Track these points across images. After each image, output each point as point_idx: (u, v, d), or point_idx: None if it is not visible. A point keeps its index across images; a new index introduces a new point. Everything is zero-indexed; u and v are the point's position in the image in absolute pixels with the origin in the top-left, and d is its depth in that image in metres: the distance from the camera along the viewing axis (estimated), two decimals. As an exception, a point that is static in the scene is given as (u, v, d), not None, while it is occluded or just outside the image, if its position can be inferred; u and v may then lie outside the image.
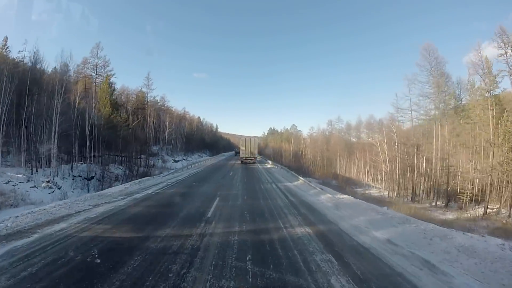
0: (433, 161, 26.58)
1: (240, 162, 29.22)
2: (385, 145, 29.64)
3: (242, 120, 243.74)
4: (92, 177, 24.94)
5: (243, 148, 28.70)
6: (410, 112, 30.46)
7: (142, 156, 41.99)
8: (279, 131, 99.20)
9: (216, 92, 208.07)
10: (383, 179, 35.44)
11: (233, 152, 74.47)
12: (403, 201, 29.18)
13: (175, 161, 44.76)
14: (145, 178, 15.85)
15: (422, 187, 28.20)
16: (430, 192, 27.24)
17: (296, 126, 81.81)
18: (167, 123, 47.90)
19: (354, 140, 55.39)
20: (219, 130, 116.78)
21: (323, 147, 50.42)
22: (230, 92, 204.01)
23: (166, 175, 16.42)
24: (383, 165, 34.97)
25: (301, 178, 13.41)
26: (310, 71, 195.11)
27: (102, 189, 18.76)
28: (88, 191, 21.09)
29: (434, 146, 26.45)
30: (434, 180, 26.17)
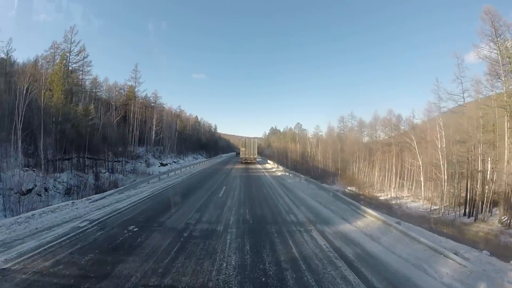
0: (505, 163, 19.29)
1: (238, 166, 23.71)
2: (439, 143, 22.29)
3: (242, 121, 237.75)
4: (29, 190, 17.67)
5: (243, 149, 28.64)
6: (462, 100, 23.14)
7: (122, 159, 34.92)
8: (281, 130, 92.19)
9: (216, 93, 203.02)
10: (421, 186, 28.10)
11: (233, 153, 74.38)
12: (458, 218, 21.89)
13: (162, 164, 37.48)
14: (84, 199, 8.68)
15: (484, 199, 20.86)
16: (499, 206, 19.91)
17: (301, 125, 74.50)
18: (154, 120, 40.63)
19: (366, 139, 48.26)
20: (219, 131, 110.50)
21: (336, 147, 43.10)
22: (230, 93, 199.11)
23: (102, 199, 9.12)
24: (421, 169, 27.71)
25: (369, 211, 6.02)
26: (310, 72, 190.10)
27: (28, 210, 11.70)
28: (6, 216, 13.82)
29: (506, 144, 19.19)
30: (509, 190, 18.85)
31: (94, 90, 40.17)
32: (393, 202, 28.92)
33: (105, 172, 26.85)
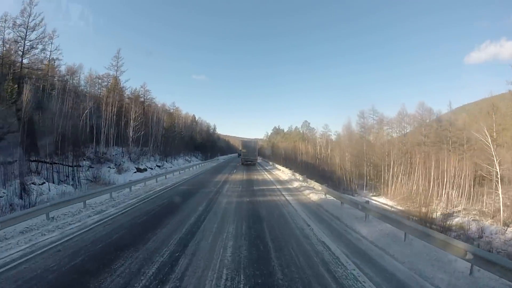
0: None
1: (237, 176, 15.95)
2: None
3: (243, 122, 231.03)
4: None
5: (244, 150, 28.44)
6: None
7: (84, 163, 26.83)
8: (285, 130, 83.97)
9: (216, 95, 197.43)
10: (493, 199, 19.63)
11: (232, 155, 72.53)
12: None
13: (139, 169, 29.11)
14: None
15: None
16: None
17: (309, 123, 66.06)
18: (132, 113, 32.26)
19: (385, 138, 39.87)
20: (221, 132, 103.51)
21: (359, 148, 34.69)
22: (230, 95, 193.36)
23: None
24: (499, 176, 19.31)
25: None
26: (313, 72, 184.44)
27: None
28: None
29: None
30: None
31: (66, 79, 32.43)
32: (458, 222, 20.55)
33: (43, 182, 18.50)
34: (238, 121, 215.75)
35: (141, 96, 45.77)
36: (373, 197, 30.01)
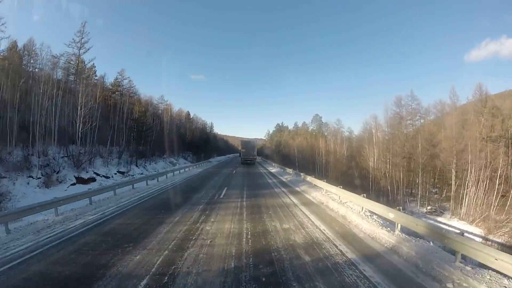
0: None
1: (218, 226, 4.75)
2: None
3: (243, 122, 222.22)
4: None
5: (244, 150, 28.56)
6: None
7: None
8: (289, 127, 73.71)
9: (214, 94, 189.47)
10: None
11: (229, 155, 68.83)
12: None
13: (81, 180, 18.88)
14: None
15: None
16: None
17: (321, 117, 55.73)
18: (81, 97, 21.91)
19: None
20: (221, 132, 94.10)
21: (409, 148, 24.66)
22: (230, 91, 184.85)
23: None
24: None
25: None
26: (312, 68, 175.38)
27: None
28: None
29: None
30: None
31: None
32: None
33: None
34: (238, 121, 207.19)
35: (120, 86, 36.00)
36: (438, 218, 19.98)
